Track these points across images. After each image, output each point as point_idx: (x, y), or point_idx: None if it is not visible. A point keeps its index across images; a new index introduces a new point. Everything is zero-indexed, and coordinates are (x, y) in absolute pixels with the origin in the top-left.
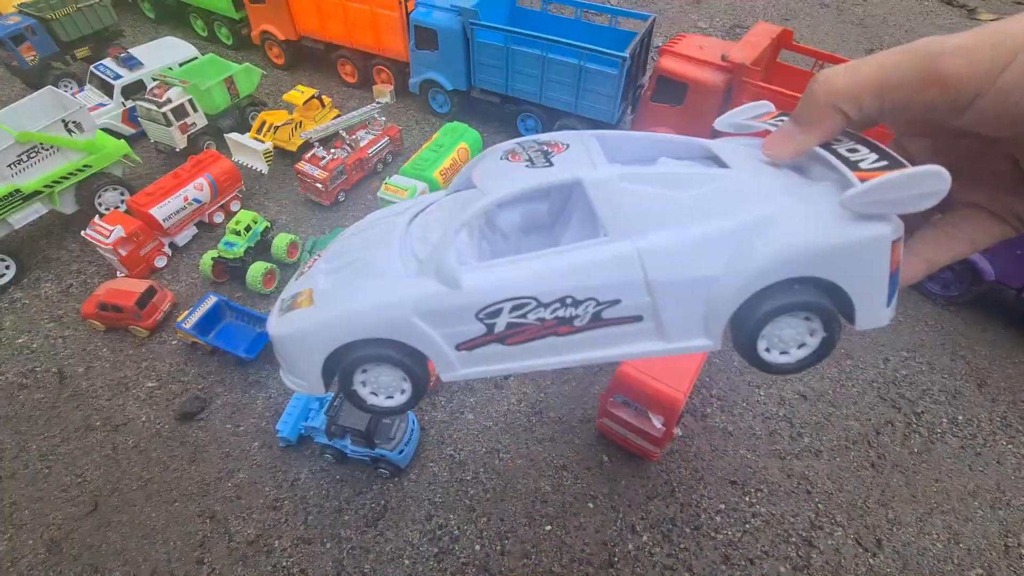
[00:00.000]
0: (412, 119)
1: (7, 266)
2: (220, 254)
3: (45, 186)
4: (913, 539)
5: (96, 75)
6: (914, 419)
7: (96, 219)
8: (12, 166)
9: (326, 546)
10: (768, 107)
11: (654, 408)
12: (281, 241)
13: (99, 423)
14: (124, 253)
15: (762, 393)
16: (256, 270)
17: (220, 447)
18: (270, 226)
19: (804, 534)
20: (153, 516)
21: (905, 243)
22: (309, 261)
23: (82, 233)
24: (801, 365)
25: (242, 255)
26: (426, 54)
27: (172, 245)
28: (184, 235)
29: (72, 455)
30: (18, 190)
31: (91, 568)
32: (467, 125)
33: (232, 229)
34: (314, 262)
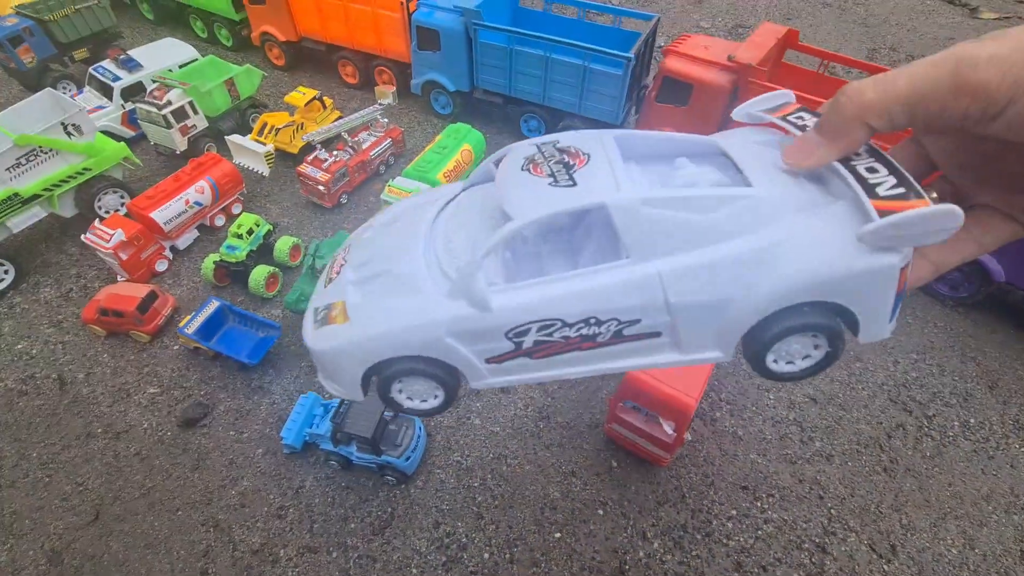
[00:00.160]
0: (414, 120)
1: (6, 270)
2: (222, 258)
3: (44, 189)
4: (928, 545)
5: (95, 77)
6: (925, 422)
7: (96, 223)
8: (11, 169)
9: (332, 555)
10: (788, 97)
11: (665, 414)
12: (284, 244)
13: (100, 430)
14: (124, 257)
15: (771, 397)
16: (259, 274)
17: (223, 454)
18: (272, 229)
19: (817, 540)
20: (156, 525)
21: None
22: (334, 264)
23: (82, 237)
24: (805, 374)
25: (244, 259)
26: (428, 55)
27: (173, 249)
28: (185, 238)
29: (73, 463)
30: (17, 194)
31: None
32: (470, 126)
33: (234, 232)
34: (340, 267)
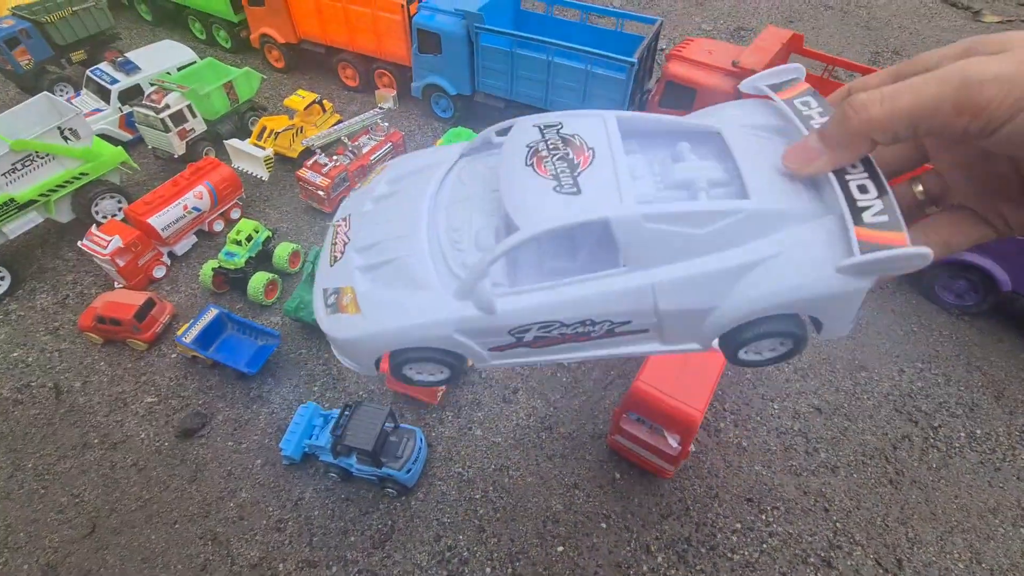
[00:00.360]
0: (415, 124)
1: (1, 277)
2: (221, 264)
3: (41, 195)
4: (934, 559)
5: (92, 80)
6: (931, 433)
7: (93, 228)
8: (7, 175)
9: (332, 570)
10: (798, 72)
11: (670, 426)
12: (283, 251)
13: (97, 440)
14: (122, 263)
15: (776, 406)
16: (258, 281)
17: (222, 465)
18: (272, 235)
19: (823, 554)
20: (153, 538)
21: None
22: (334, 237)
23: (79, 243)
24: (769, 363)
25: (243, 265)
26: (429, 58)
27: (171, 255)
28: (183, 244)
29: (69, 474)
30: (13, 199)
31: None
32: (471, 130)
33: (233, 239)
34: (344, 244)
